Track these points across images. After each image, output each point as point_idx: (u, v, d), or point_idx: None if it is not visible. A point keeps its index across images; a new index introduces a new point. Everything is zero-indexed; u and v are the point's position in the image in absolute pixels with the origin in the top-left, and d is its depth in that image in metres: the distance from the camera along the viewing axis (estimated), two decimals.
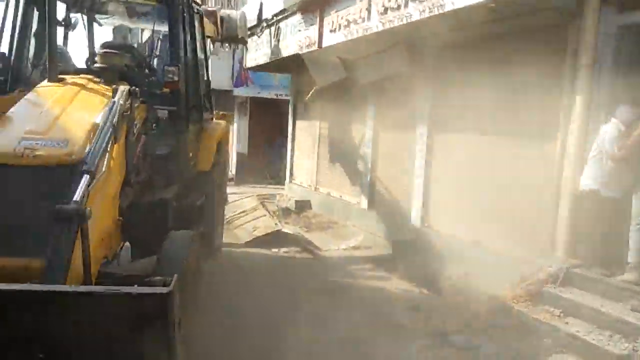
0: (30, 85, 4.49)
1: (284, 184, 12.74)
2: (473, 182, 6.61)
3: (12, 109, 3.72)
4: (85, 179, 2.88)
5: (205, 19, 8.22)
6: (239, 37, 9.39)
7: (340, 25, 7.52)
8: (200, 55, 5.86)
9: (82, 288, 2.30)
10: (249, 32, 11.46)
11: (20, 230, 2.97)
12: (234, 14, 9.56)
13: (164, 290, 1.94)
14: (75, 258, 2.67)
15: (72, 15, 5.58)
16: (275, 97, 15.70)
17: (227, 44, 10.22)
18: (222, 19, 8.97)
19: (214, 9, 9.33)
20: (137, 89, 3.90)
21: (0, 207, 3.00)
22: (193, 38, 5.46)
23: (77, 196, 2.73)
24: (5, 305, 2.08)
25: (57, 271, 2.50)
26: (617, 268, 4.73)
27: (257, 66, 12.01)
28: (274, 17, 10.15)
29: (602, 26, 4.90)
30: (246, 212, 10.15)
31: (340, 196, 9.90)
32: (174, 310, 1.91)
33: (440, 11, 5.46)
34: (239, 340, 4.30)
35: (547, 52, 5.51)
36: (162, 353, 2.01)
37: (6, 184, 3.07)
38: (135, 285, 2.11)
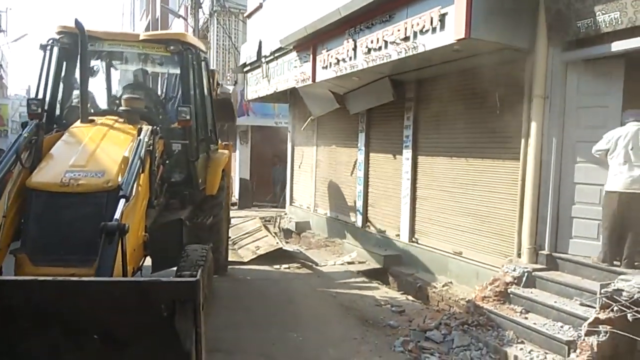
0: (62, 126, 5.31)
1: (285, 207, 13.42)
2: (452, 200, 7.34)
3: (54, 147, 4.51)
4: (122, 202, 3.63)
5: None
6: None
7: (330, 63, 8.25)
8: (207, 94, 6.66)
9: (131, 279, 3.01)
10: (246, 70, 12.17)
11: (69, 245, 3.72)
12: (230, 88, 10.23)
13: (193, 279, 2.66)
14: (117, 266, 3.41)
15: (93, 62, 6.42)
16: (274, 124, 16.51)
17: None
18: (218, 84, 9.73)
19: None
20: (157, 128, 4.69)
21: (52, 228, 3.77)
22: (201, 80, 6.25)
23: (117, 215, 3.47)
24: (67, 295, 2.78)
25: (105, 274, 3.22)
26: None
27: (258, 98, 12.71)
28: (272, 54, 10.90)
29: (550, 62, 5.69)
30: (249, 234, 10.78)
31: (337, 216, 10.53)
32: (200, 293, 2.63)
33: (414, 52, 6.23)
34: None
35: (508, 84, 6.27)
36: (191, 329, 2.71)
37: (55, 209, 3.83)
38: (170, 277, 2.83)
